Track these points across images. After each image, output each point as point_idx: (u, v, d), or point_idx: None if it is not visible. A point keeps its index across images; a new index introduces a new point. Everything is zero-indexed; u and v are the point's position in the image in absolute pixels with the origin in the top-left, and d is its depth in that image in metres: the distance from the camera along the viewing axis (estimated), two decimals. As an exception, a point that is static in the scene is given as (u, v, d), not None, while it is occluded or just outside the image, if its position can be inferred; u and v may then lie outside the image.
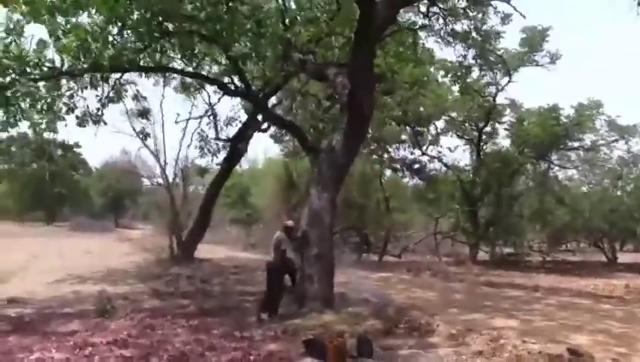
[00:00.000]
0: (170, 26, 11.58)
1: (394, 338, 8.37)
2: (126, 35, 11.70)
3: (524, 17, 19.33)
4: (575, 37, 74.46)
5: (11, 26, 10.48)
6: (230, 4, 11.50)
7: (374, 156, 28.07)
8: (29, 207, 62.26)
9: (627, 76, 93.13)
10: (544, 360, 6.81)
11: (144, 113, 19.12)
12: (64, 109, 12.38)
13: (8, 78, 10.13)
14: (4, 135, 11.67)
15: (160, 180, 24.06)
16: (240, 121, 19.54)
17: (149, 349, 7.20)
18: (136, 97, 17.11)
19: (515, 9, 17.72)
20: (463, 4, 17.69)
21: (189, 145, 24.74)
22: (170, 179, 22.35)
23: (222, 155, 20.01)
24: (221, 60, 16.69)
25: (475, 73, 23.83)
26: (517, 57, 22.00)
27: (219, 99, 19.79)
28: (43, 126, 11.63)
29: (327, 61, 14.69)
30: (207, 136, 19.41)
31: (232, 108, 20.46)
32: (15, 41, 10.52)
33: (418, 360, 6.99)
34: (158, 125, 30.56)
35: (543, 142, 22.54)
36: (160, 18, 11.01)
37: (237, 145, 19.67)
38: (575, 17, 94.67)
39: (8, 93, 10.23)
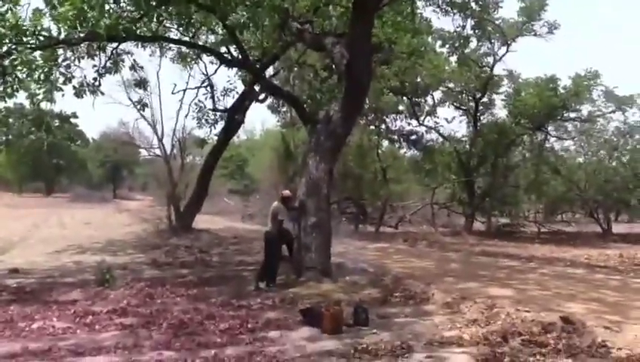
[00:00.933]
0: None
1: (390, 307, 8.44)
2: (123, 4, 11.51)
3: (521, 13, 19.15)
4: (574, 5, 73.40)
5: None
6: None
7: (372, 127, 27.98)
8: (28, 178, 62.23)
9: (626, 47, 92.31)
10: (537, 327, 6.87)
11: (141, 83, 18.87)
12: (61, 79, 12.16)
13: (5, 48, 9.93)
14: (1, 105, 11.46)
15: (157, 151, 23.92)
16: (237, 92, 19.30)
17: (148, 318, 7.25)
18: (134, 67, 16.82)
19: None
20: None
21: (186, 116, 24.47)
22: (168, 150, 22.26)
23: (219, 126, 19.84)
24: (218, 30, 16.45)
25: (473, 43, 23.70)
26: (515, 27, 21.72)
27: (216, 69, 19.59)
28: (40, 96, 11.44)
29: (325, 30, 14.48)
30: (204, 107, 19.18)
31: (229, 79, 20.22)
32: (11, 9, 10.27)
33: (414, 327, 7.04)
34: (155, 96, 30.27)
35: (540, 112, 22.41)
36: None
37: (234, 116, 19.50)
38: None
39: (6, 63, 10.06)
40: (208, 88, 19.75)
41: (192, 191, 21.17)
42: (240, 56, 15.60)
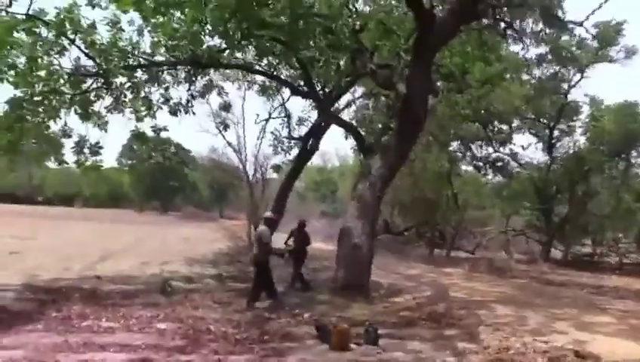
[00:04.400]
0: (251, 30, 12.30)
1: (413, 329, 8.35)
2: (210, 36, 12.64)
3: (596, 38, 18.07)
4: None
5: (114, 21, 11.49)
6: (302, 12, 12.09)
7: (458, 153, 27.34)
8: (148, 197, 67.61)
9: None
10: (543, 359, 6.49)
11: (227, 107, 20.19)
12: (161, 100, 13.53)
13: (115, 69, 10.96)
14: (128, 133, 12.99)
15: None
16: (310, 121, 19.98)
17: (182, 324, 7.79)
18: (220, 93, 18.10)
19: (587, 31, 16.93)
20: (539, 26, 16.91)
21: (260, 143, 25.36)
22: (251, 174, 23.38)
23: (294, 153, 20.56)
24: (295, 64, 17.19)
25: (548, 70, 22.61)
26: (590, 53, 20.41)
27: (288, 98, 20.41)
28: (143, 113, 12.67)
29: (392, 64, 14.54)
30: (280, 135, 20.04)
31: (303, 109, 20.93)
32: (117, 35, 11.59)
33: (420, 350, 6.94)
34: (240, 126, 31.74)
35: (619, 139, 20.72)
36: (242, 23, 11.76)
37: (307, 143, 20.14)
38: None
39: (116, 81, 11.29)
40: (285, 118, 20.56)
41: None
42: (309, 89, 16.36)
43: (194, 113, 14.92)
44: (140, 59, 12.27)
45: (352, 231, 11.13)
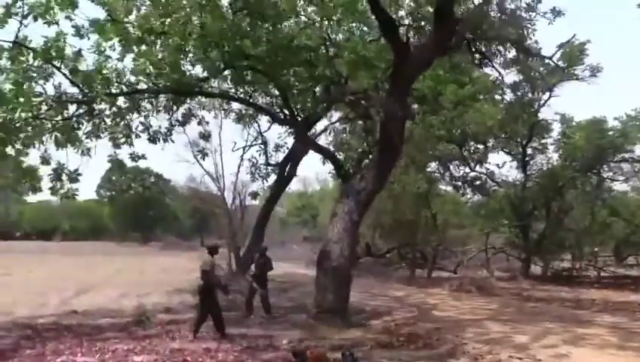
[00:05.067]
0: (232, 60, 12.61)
1: (391, 352, 8.38)
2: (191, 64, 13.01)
3: (564, 70, 18.80)
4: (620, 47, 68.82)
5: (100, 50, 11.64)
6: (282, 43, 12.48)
7: (436, 174, 27.67)
8: (128, 229, 66.80)
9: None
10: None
11: (206, 136, 20.29)
12: (140, 127, 13.62)
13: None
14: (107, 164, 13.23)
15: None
16: (287, 147, 20.24)
17: (159, 356, 7.74)
18: (200, 122, 18.24)
19: (556, 64, 17.63)
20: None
21: (238, 172, 25.43)
22: (229, 202, 23.40)
23: (272, 179, 20.74)
24: (272, 92, 17.42)
25: (519, 91, 23.20)
26: (557, 73, 21.07)
27: (269, 127, 20.63)
28: (122, 140, 12.71)
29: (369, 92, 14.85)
30: (257, 162, 20.20)
31: (279, 136, 21.17)
32: (102, 63, 11.72)
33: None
34: (218, 154, 31.80)
35: (589, 155, 21.34)
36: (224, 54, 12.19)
37: (284, 169, 20.34)
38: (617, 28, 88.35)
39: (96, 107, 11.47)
40: (261, 145, 20.78)
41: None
42: (288, 115, 16.63)
43: (172, 141, 15.12)
44: (123, 87, 12.45)
45: (330, 254, 11.21)
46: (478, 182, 27.15)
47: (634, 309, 13.96)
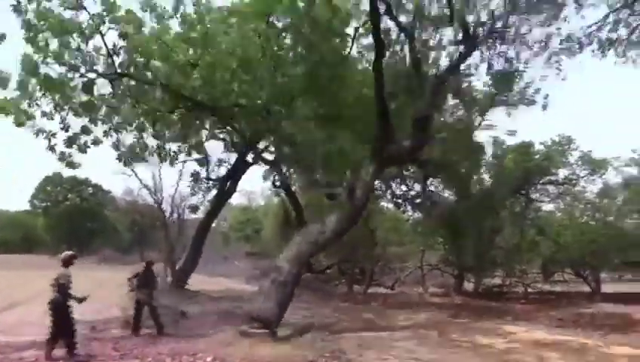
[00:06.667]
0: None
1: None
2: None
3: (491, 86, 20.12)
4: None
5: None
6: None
7: (379, 192, 28.20)
8: (64, 241, 63.94)
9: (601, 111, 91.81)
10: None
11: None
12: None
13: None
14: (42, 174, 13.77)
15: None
16: (229, 164, 20.32)
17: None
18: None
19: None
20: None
21: (178, 185, 25.24)
22: (167, 215, 23.09)
23: (212, 193, 20.69)
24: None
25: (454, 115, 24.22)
26: (489, 98, 22.18)
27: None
28: None
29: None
30: (199, 177, 20.10)
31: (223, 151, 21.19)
32: None
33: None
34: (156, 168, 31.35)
35: (518, 177, 22.56)
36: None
37: (226, 184, 20.35)
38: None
39: None
40: (204, 159, 20.67)
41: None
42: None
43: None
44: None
45: (281, 270, 11.64)
46: (418, 201, 27.99)
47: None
